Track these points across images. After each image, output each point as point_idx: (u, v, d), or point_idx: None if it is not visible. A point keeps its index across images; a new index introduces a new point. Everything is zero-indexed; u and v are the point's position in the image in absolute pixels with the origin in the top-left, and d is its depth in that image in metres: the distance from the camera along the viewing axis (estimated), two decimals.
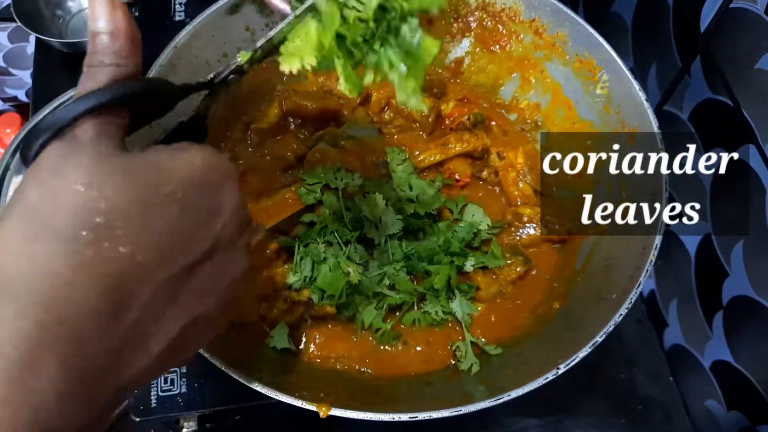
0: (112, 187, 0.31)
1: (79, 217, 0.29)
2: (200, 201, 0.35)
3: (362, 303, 0.69)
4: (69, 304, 0.29)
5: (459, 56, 0.87)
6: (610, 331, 0.57)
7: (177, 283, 0.34)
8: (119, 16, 0.35)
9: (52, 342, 0.28)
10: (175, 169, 0.34)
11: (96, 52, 0.34)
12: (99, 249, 0.29)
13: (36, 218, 0.29)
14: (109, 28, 0.34)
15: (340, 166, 0.73)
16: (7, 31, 1.45)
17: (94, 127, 0.32)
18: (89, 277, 0.29)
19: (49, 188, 0.30)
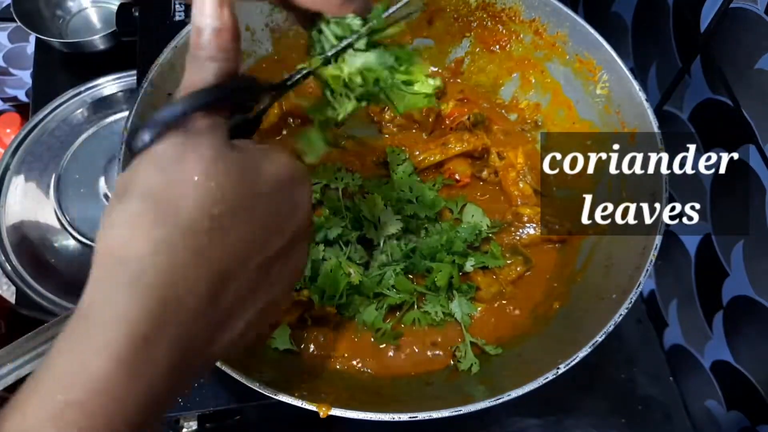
0: (226, 179, 0.33)
1: (199, 206, 0.32)
2: (286, 198, 0.38)
3: (362, 304, 0.69)
4: (185, 286, 0.31)
5: (459, 56, 0.87)
6: (610, 331, 0.57)
7: (266, 269, 0.37)
8: (227, 14, 0.36)
9: (168, 320, 0.30)
10: (269, 166, 0.36)
11: (203, 47, 0.36)
12: (213, 237, 0.32)
13: (159, 203, 0.31)
14: (216, 25, 0.36)
15: (340, 166, 0.73)
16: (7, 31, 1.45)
17: (205, 121, 0.34)
18: (202, 263, 0.32)
19: (171, 176, 0.32)
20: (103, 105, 1.06)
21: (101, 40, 1.08)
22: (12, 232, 0.95)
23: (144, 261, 0.30)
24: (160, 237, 0.31)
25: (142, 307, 0.29)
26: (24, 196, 0.98)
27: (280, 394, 0.54)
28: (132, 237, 0.31)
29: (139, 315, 0.29)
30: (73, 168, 1.00)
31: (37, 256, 0.93)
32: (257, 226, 0.35)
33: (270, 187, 0.36)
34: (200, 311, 0.32)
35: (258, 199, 0.35)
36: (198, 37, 0.36)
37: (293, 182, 0.38)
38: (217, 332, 0.34)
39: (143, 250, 0.30)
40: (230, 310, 0.35)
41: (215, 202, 0.32)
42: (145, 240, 0.30)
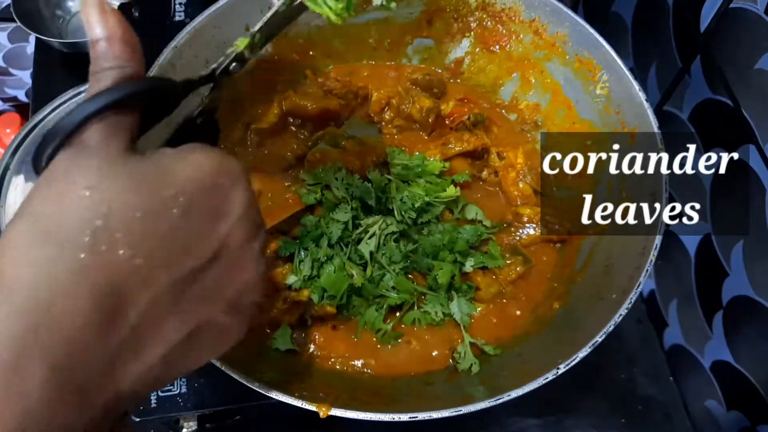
0: (115, 190, 0.31)
1: (80, 221, 0.30)
2: (205, 204, 0.34)
3: (362, 305, 0.69)
4: (63, 309, 0.28)
5: (459, 56, 0.87)
6: (610, 331, 0.57)
7: (180, 288, 0.33)
8: (112, 22, 0.35)
9: (43, 347, 0.28)
10: (180, 171, 0.33)
11: (97, 58, 0.35)
12: (97, 253, 0.29)
13: (39, 222, 0.30)
14: (105, 34, 0.35)
15: (340, 166, 0.73)
16: (7, 31, 1.45)
17: (100, 130, 0.32)
18: (86, 282, 0.29)
19: (54, 193, 0.30)
20: None
21: None
22: None
23: (15, 284, 0.28)
24: (37, 258, 0.29)
25: (6, 332, 0.27)
26: (24, 196, 0.98)
27: (280, 394, 0.54)
28: (8, 260, 0.29)
29: (4, 341, 0.27)
30: None
31: None
32: (162, 239, 0.32)
33: (180, 195, 0.33)
34: (88, 335, 0.29)
35: (163, 210, 0.32)
36: (93, 49, 0.35)
37: (217, 188, 0.35)
38: (122, 361, 0.31)
39: (16, 272, 0.29)
40: (138, 333, 0.31)
41: (100, 216, 0.30)
42: (20, 261, 0.29)
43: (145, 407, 0.68)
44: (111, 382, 0.31)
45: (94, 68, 0.35)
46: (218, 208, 0.35)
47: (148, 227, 0.31)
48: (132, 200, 0.31)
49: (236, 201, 0.36)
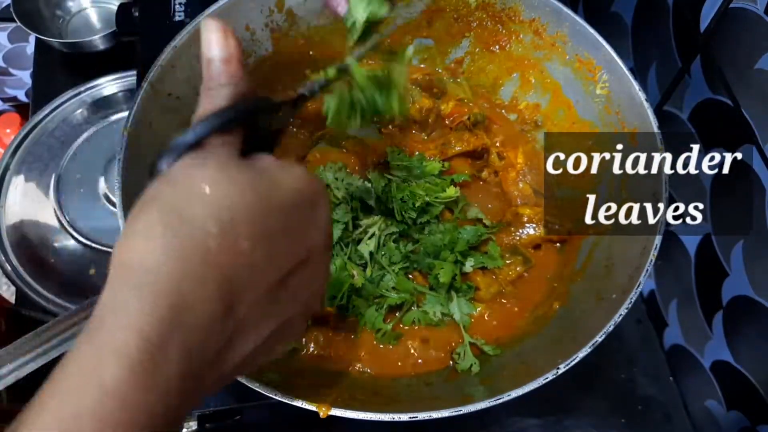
0: (235, 188, 0.33)
1: (209, 211, 0.32)
2: (303, 213, 0.37)
3: (362, 305, 0.69)
4: (195, 294, 0.31)
5: (459, 56, 0.87)
6: (610, 331, 0.57)
7: (279, 286, 0.36)
8: (232, 44, 0.38)
9: (181, 327, 0.30)
10: (285, 180, 0.36)
11: (212, 78, 0.38)
12: (224, 242, 0.32)
13: (170, 211, 0.32)
14: (223, 56, 0.38)
15: (340, 166, 0.73)
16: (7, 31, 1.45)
17: (218, 140, 0.35)
18: (214, 272, 0.31)
19: (181, 186, 0.33)
20: (103, 105, 1.06)
21: (101, 40, 1.08)
22: (12, 232, 0.95)
23: (154, 268, 0.30)
24: (170, 244, 0.31)
25: (152, 312, 0.29)
26: (24, 196, 0.98)
27: (280, 394, 0.54)
28: (144, 245, 0.31)
29: (151, 320, 0.29)
30: (73, 168, 1.00)
31: (37, 256, 0.93)
32: (271, 238, 0.35)
33: (286, 201, 0.36)
34: (212, 320, 0.32)
35: (272, 211, 0.35)
36: (209, 69, 0.38)
37: (311, 198, 0.38)
38: (230, 345, 0.34)
39: (154, 257, 0.30)
40: (244, 323, 0.34)
41: (226, 212, 0.32)
42: (155, 248, 0.31)
43: None
44: (220, 366, 0.34)
45: (210, 85, 0.38)
46: (310, 218, 0.38)
47: (264, 226, 0.34)
48: (251, 199, 0.33)
49: (322, 214, 0.40)
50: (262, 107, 0.40)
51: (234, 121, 0.36)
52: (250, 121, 0.38)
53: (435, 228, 0.71)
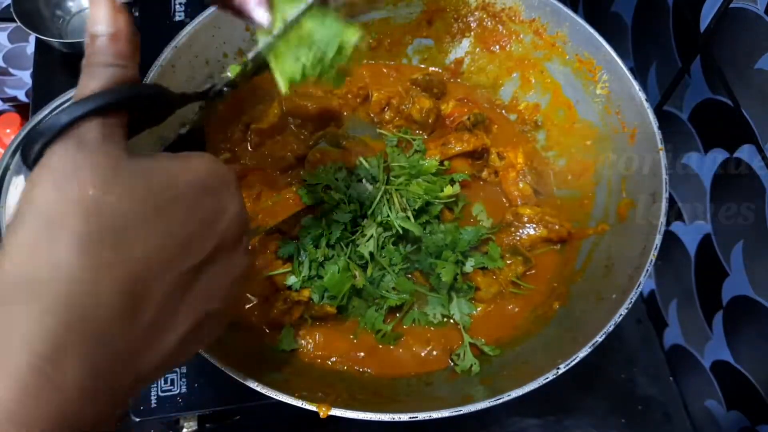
0: (125, 189, 0.32)
1: (96, 219, 0.30)
2: (205, 204, 0.36)
3: (362, 305, 0.69)
4: (89, 305, 0.30)
5: (459, 56, 0.87)
6: (610, 331, 0.57)
7: (187, 281, 0.35)
8: (121, 19, 0.35)
9: (76, 339, 0.29)
10: (182, 173, 0.35)
11: (96, 53, 0.35)
12: (116, 250, 0.31)
13: (53, 221, 0.30)
14: (110, 31, 0.35)
15: (341, 166, 0.73)
16: (7, 31, 1.45)
17: (99, 128, 0.33)
18: (108, 278, 0.30)
19: (63, 191, 0.31)
20: None
21: None
22: None
23: (43, 283, 0.29)
24: (56, 258, 0.29)
25: (42, 330, 0.28)
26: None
27: (280, 394, 0.54)
28: (27, 262, 0.29)
29: (41, 338, 0.28)
30: None
31: None
32: (170, 236, 0.33)
33: (183, 195, 0.34)
34: (115, 328, 0.30)
35: (169, 208, 0.33)
36: (92, 44, 0.35)
37: (214, 188, 0.37)
38: (143, 350, 0.33)
39: (39, 273, 0.29)
40: (155, 325, 0.33)
41: (114, 216, 0.31)
42: (40, 263, 0.29)
43: (145, 407, 0.68)
44: (132, 370, 0.33)
45: (91, 61, 0.35)
46: (215, 208, 0.37)
47: (158, 225, 0.33)
48: (141, 199, 0.32)
49: (229, 201, 0.38)
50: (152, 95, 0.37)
51: (116, 105, 0.33)
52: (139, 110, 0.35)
53: (436, 228, 0.71)
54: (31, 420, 0.27)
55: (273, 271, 0.68)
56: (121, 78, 0.35)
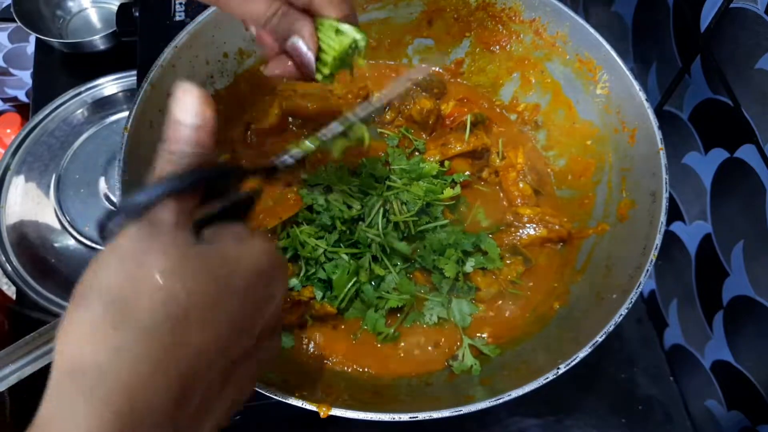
0: (191, 279, 0.31)
1: (162, 308, 0.30)
2: (260, 291, 0.36)
3: (362, 307, 0.69)
4: (145, 396, 0.29)
5: (459, 57, 0.87)
6: (610, 331, 0.57)
7: (231, 368, 0.35)
8: (208, 113, 0.35)
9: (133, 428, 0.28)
10: (243, 262, 0.35)
11: (177, 141, 0.35)
12: (176, 340, 0.30)
13: (117, 306, 0.30)
14: (196, 123, 0.35)
15: (341, 165, 0.73)
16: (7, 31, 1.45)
17: (173, 211, 0.33)
18: (166, 367, 0.30)
19: (131, 276, 0.30)
20: (103, 105, 1.06)
21: (101, 40, 1.08)
22: (12, 232, 0.95)
23: (101, 371, 0.28)
24: (118, 343, 0.29)
25: (99, 420, 0.28)
26: (24, 196, 0.98)
27: (280, 394, 0.54)
28: (88, 345, 0.29)
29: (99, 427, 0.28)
30: (73, 168, 1.00)
31: (37, 256, 0.93)
32: (227, 325, 0.33)
33: (244, 282, 0.34)
34: (167, 417, 0.30)
35: (230, 296, 0.33)
36: (175, 131, 0.35)
37: (269, 277, 0.36)
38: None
39: (100, 358, 0.29)
40: (197, 414, 0.33)
41: (179, 304, 0.30)
42: (102, 348, 0.29)
43: None
44: None
45: (172, 148, 0.35)
46: (266, 295, 0.37)
47: (218, 313, 0.32)
48: (206, 289, 0.32)
49: (278, 290, 0.38)
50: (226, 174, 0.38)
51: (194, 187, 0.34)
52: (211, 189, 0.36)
53: (439, 228, 0.72)
54: None
55: None
56: (197, 164, 0.35)
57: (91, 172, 0.99)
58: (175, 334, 0.30)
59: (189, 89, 0.35)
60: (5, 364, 0.49)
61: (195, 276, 0.31)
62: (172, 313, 0.30)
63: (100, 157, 1.01)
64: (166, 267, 0.31)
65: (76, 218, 0.96)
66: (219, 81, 0.77)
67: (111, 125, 1.04)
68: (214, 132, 0.36)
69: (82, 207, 0.97)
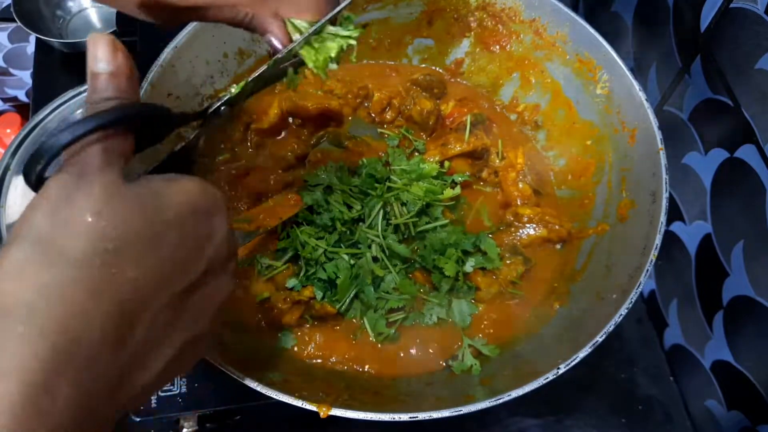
0: (119, 215, 0.32)
1: (91, 244, 0.31)
2: (195, 227, 0.36)
3: (363, 308, 0.69)
4: (81, 328, 0.29)
5: (459, 57, 0.87)
6: (610, 331, 0.57)
7: (176, 305, 0.35)
8: (120, 57, 0.36)
9: (67, 365, 0.29)
10: (173, 197, 0.35)
11: (97, 90, 0.36)
12: (109, 274, 0.31)
13: (48, 245, 0.30)
14: (109, 69, 0.36)
15: (341, 165, 0.73)
16: (7, 31, 1.45)
17: (98, 154, 0.33)
18: (100, 302, 0.30)
19: (60, 216, 0.31)
20: None
21: None
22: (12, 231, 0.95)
23: (30, 308, 0.29)
24: (49, 280, 0.29)
25: (33, 355, 0.28)
26: (24, 196, 0.98)
27: (280, 394, 0.54)
28: (20, 284, 0.29)
29: (32, 364, 0.28)
30: None
31: None
32: (162, 260, 0.34)
33: (175, 218, 0.35)
34: (104, 353, 0.30)
35: (162, 232, 0.34)
36: (94, 81, 0.36)
37: (204, 212, 0.37)
38: (130, 373, 0.33)
39: (28, 296, 0.29)
40: (143, 350, 0.33)
41: (109, 239, 0.31)
42: (32, 285, 0.29)
43: (145, 407, 0.68)
44: (120, 393, 0.33)
45: (93, 98, 0.36)
46: (205, 231, 0.38)
47: (150, 249, 0.33)
48: (136, 224, 0.32)
49: (219, 225, 0.39)
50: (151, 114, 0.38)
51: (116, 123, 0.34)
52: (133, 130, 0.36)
53: (439, 229, 0.72)
54: None
55: (273, 272, 0.69)
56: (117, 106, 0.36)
57: None
58: (107, 269, 0.31)
59: (96, 38, 0.36)
60: None
61: (123, 212, 0.32)
62: (100, 249, 0.31)
63: None
64: (93, 205, 0.31)
65: None
66: (219, 81, 0.77)
67: None
68: (131, 78, 0.36)
69: None
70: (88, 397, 0.30)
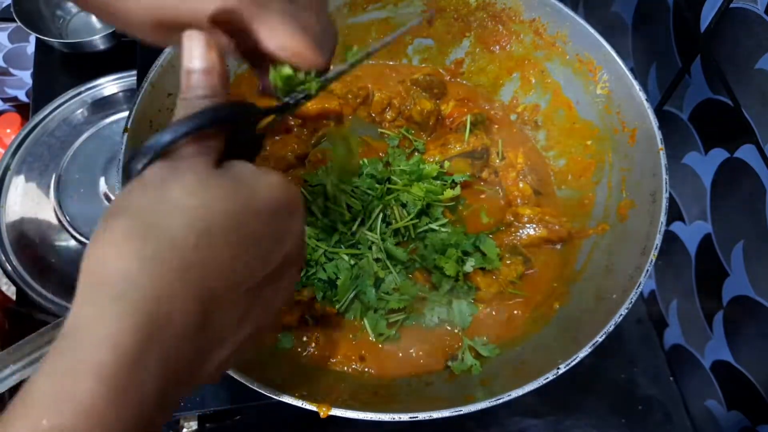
0: (213, 197, 0.33)
1: (186, 221, 0.31)
2: (279, 221, 0.37)
3: (362, 308, 0.69)
4: (173, 303, 0.30)
5: (459, 57, 0.87)
6: (610, 331, 0.57)
7: (253, 294, 0.36)
8: (214, 56, 0.37)
9: (159, 340, 0.29)
10: (263, 190, 0.36)
11: (191, 87, 0.37)
12: (200, 254, 0.31)
13: (145, 219, 0.31)
14: (203, 67, 0.37)
15: (341, 166, 0.73)
16: (7, 31, 1.45)
17: (193, 148, 0.35)
18: (191, 280, 0.31)
19: (158, 195, 0.32)
20: (103, 105, 1.06)
21: (101, 40, 1.08)
22: (12, 231, 0.95)
23: (130, 278, 0.29)
24: (147, 253, 0.30)
25: (129, 324, 0.28)
26: (24, 196, 0.98)
27: (280, 394, 0.54)
28: (118, 255, 0.30)
29: (127, 333, 0.28)
30: (73, 168, 1.00)
31: (37, 255, 0.93)
32: (248, 246, 0.34)
33: (262, 209, 0.35)
34: (189, 331, 0.31)
35: (249, 220, 0.34)
36: (188, 79, 0.37)
37: (287, 206, 0.38)
38: (207, 354, 0.33)
39: (129, 266, 0.29)
40: (221, 333, 0.34)
41: (201, 220, 0.32)
42: (131, 257, 0.30)
43: None
44: (194, 374, 0.33)
45: (187, 95, 0.37)
46: (285, 227, 0.38)
47: (241, 234, 0.34)
48: (228, 208, 0.33)
49: (297, 223, 0.39)
50: (243, 113, 0.39)
51: (212, 124, 0.35)
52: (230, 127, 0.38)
53: (440, 229, 0.72)
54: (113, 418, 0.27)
55: None
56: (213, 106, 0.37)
57: (91, 172, 0.99)
58: (199, 250, 0.31)
59: (192, 35, 0.37)
60: (6, 364, 0.49)
61: (215, 196, 0.33)
62: (195, 229, 0.31)
63: (100, 157, 1.01)
64: (187, 188, 0.32)
65: (76, 218, 0.96)
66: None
67: (111, 125, 1.04)
68: (224, 75, 0.38)
69: (82, 207, 0.97)
70: (170, 378, 0.30)
